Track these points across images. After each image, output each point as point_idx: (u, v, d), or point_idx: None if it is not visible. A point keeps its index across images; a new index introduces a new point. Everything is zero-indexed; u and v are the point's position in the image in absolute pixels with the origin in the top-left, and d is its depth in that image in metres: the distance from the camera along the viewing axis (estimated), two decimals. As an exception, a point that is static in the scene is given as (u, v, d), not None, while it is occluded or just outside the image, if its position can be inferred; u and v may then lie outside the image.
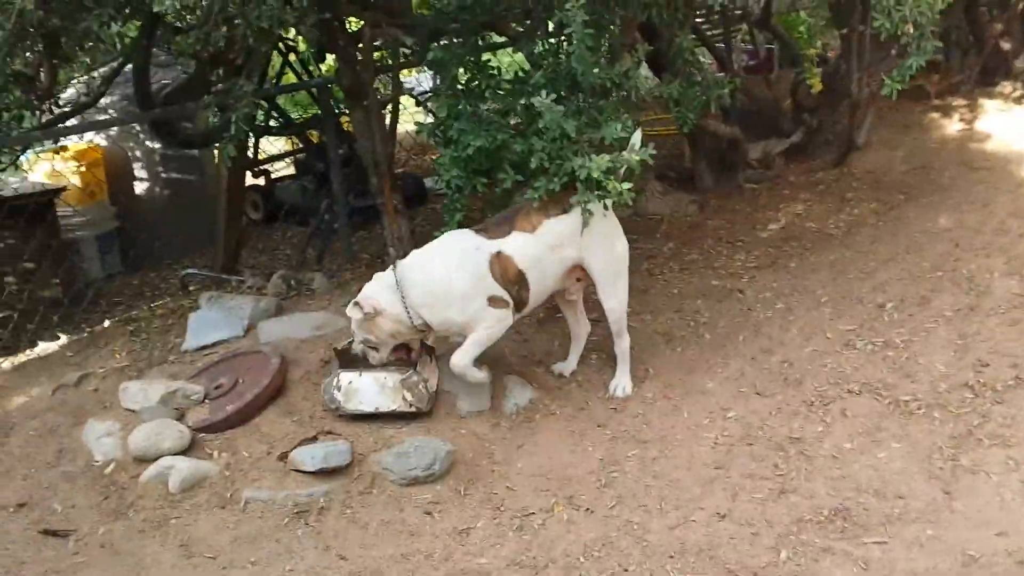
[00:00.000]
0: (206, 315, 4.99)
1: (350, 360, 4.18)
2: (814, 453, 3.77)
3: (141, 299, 6.12)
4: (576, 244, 4.11)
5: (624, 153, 4.07)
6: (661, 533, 3.40)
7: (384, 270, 4.10)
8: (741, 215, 6.75)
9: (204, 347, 4.81)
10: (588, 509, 3.61)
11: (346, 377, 4.07)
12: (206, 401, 4.22)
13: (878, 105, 7.82)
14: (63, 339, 5.35)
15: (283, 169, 8.87)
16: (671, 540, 3.35)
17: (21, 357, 5.15)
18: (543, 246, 4.05)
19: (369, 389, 4.04)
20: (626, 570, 3.22)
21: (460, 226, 4.32)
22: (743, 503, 3.52)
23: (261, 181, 8.03)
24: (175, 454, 3.91)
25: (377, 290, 3.99)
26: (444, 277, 3.97)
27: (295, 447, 3.88)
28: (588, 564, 3.28)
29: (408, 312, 3.96)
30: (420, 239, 6.36)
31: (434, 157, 9.19)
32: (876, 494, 3.46)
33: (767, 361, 4.55)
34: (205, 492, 3.80)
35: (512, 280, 4.00)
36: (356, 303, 3.95)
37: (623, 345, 4.34)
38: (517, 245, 4.02)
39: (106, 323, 5.56)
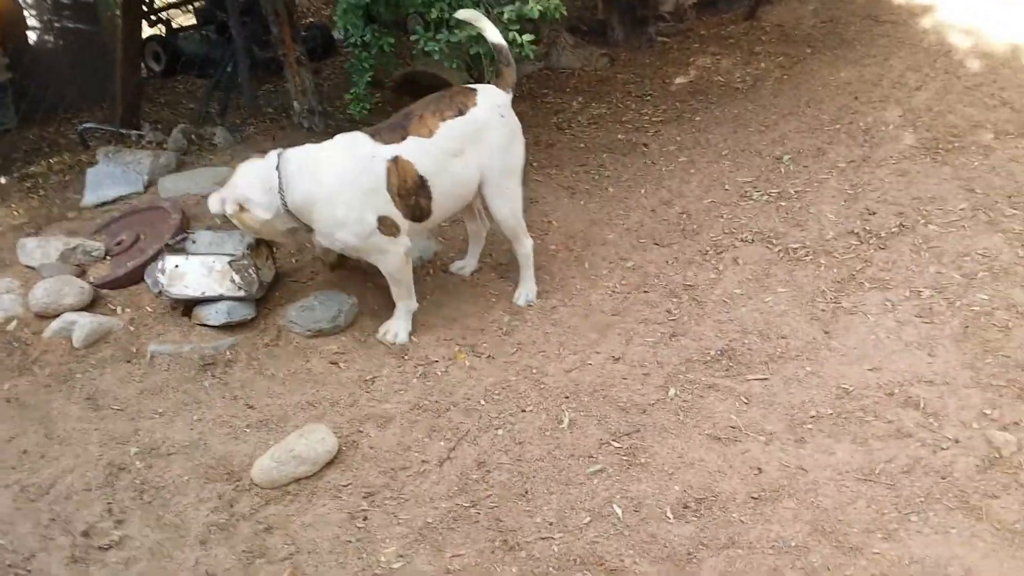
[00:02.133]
0: (104, 170, 4.87)
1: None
2: (705, 299, 3.95)
3: (38, 154, 5.90)
4: (476, 146, 3.75)
5: (529, 3, 4.02)
6: (558, 376, 3.56)
7: (265, 153, 3.67)
8: (651, 69, 6.77)
9: (103, 203, 4.73)
10: (489, 356, 3.75)
11: (172, 260, 3.85)
12: (107, 258, 4.19)
13: (791, -43, 7.80)
14: (-45, 196, 5.18)
15: (185, 19, 8.50)
16: (566, 382, 3.52)
17: (-90, 215, 4.99)
18: (443, 151, 3.68)
19: (195, 272, 3.84)
20: (523, 410, 3.38)
21: (368, 87, 4.24)
22: (636, 347, 3.69)
23: (162, 31, 7.70)
24: (77, 310, 3.90)
25: (252, 183, 3.59)
26: (332, 185, 3.55)
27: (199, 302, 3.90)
28: (488, 406, 3.43)
29: (286, 213, 3.61)
30: (328, 92, 6.27)
31: (342, 7, 8.95)
32: (760, 335, 3.66)
33: (666, 212, 4.68)
34: (110, 347, 3.82)
35: (411, 189, 3.65)
36: (221, 198, 3.62)
37: (523, 249, 4.04)
38: (415, 149, 3.64)
39: (2, 179, 5.38)
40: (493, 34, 3.84)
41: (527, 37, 3.93)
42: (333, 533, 2.93)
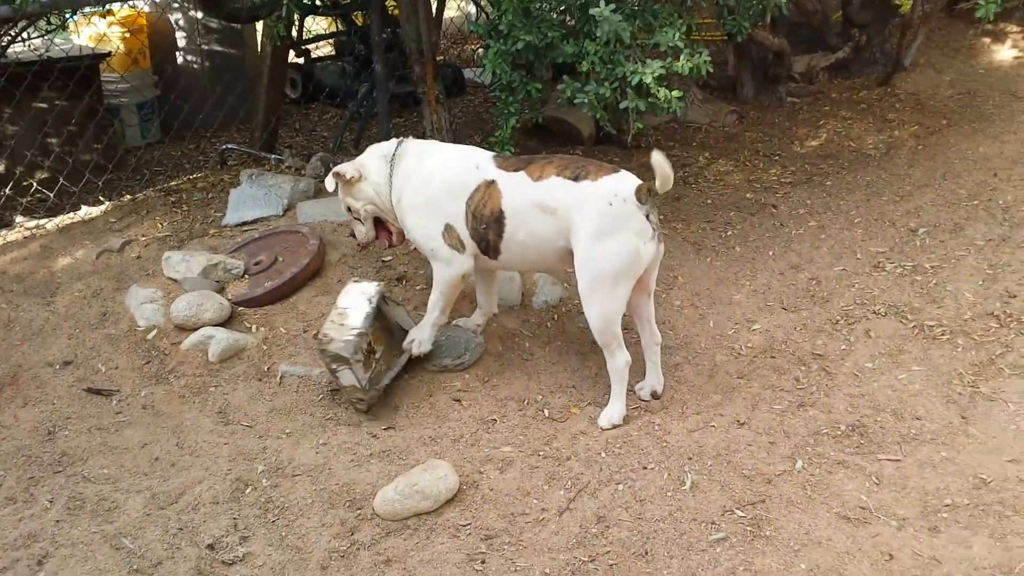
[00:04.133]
0: (246, 191, 5.05)
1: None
2: (835, 370, 3.86)
3: (180, 170, 6.18)
4: (570, 219, 3.47)
5: (679, 60, 4.01)
6: (681, 435, 3.52)
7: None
8: (779, 129, 6.73)
9: (244, 223, 4.90)
10: (611, 408, 3.74)
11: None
12: (246, 276, 4.33)
13: (928, 26, 7.67)
14: (106, 204, 5.43)
15: (320, 49, 8.80)
16: (690, 443, 3.47)
17: (65, 219, 5.24)
18: (534, 201, 3.52)
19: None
20: (644, 467, 3.35)
21: (512, 130, 4.34)
22: (762, 413, 3.63)
23: (300, 60, 7.98)
24: (215, 325, 4.04)
25: (370, 158, 3.86)
26: (429, 172, 3.72)
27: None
28: (609, 459, 3.40)
29: (390, 189, 3.80)
30: (458, 130, 6.39)
31: (474, 47, 9.15)
32: (893, 414, 3.56)
33: (795, 277, 4.61)
34: (243, 364, 3.94)
35: (486, 217, 3.60)
36: (336, 172, 3.84)
37: (613, 362, 3.60)
38: (513, 184, 3.58)
39: (147, 192, 5.63)
40: (662, 174, 3.31)
41: (675, 93, 3.93)
42: (451, 573, 2.92)
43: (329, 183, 3.88)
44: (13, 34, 5.22)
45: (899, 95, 7.26)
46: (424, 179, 3.72)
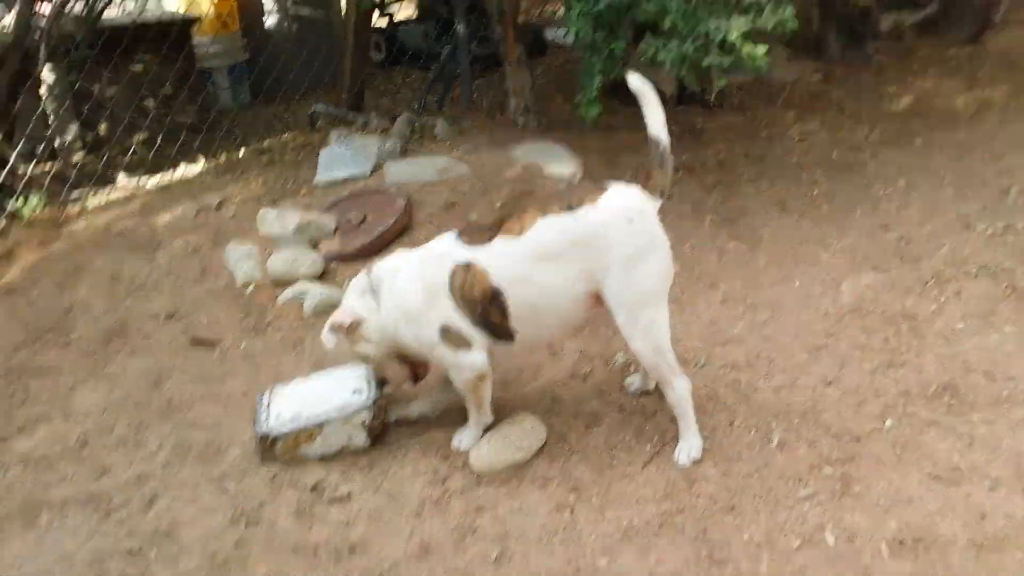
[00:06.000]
0: (336, 151, 5.18)
1: None
2: (926, 330, 3.83)
3: (271, 131, 6.33)
4: (588, 257, 3.03)
5: (764, 14, 3.98)
6: (767, 393, 3.54)
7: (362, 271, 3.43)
8: (867, 88, 6.60)
9: (333, 182, 5.03)
10: (696, 364, 3.76)
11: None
12: (337, 233, 4.45)
13: (1022, -20, 7.44)
14: (202, 164, 5.61)
15: (403, 11, 8.87)
16: (776, 401, 3.48)
17: (164, 178, 5.44)
18: (532, 255, 3.03)
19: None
20: (731, 423, 3.38)
21: (599, 90, 4.31)
22: (851, 372, 3.62)
23: (384, 24, 8.07)
24: (309, 280, 4.17)
25: (354, 299, 3.35)
26: (404, 288, 3.23)
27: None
28: (696, 415, 3.42)
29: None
30: (539, 91, 6.41)
31: (555, 8, 9.12)
32: (985, 374, 3.51)
33: (884, 237, 4.56)
34: (335, 318, 4.06)
35: (478, 298, 3.10)
36: (332, 324, 3.33)
37: (676, 394, 3.19)
38: (494, 253, 3.07)
39: (241, 152, 5.79)
40: (656, 122, 3.08)
41: (761, 48, 3.89)
42: (540, 522, 3.01)
43: (328, 339, 3.36)
44: (108, -2, 5.38)
45: (989, 53, 7.08)
46: (403, 292, 3.23)
